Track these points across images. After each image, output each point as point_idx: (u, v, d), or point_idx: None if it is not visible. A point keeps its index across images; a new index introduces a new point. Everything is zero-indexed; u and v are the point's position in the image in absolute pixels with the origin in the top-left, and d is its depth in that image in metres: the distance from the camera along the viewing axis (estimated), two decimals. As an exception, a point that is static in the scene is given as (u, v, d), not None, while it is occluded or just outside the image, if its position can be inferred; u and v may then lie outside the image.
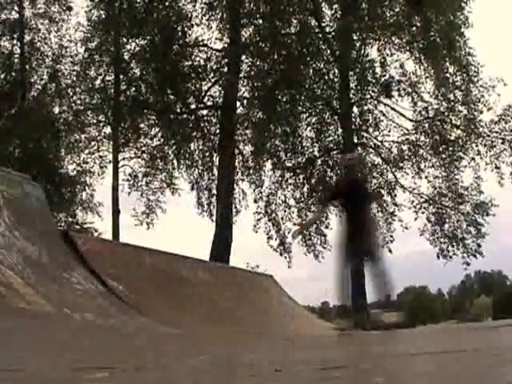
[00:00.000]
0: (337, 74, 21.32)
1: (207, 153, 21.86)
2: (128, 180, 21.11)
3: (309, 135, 21.82)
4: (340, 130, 21.39)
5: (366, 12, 20.42)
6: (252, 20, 20.91)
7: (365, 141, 21.65)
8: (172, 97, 20.97)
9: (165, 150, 21.50)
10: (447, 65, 20.65)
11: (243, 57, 20.93)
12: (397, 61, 21.19)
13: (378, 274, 7.73)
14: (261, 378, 2.38)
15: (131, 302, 7.86)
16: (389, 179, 21.33)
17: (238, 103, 21.04)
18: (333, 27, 21.31)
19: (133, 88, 20.77)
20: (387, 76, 21.08)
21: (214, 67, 21.11)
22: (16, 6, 21.50)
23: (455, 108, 20.84)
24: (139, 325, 6.96)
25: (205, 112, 21.76)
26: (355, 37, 20.96)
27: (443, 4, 19.84)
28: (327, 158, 21.75)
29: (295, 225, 21.33)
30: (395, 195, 21.26)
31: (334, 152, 21.72)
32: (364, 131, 21.65)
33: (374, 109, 21.49)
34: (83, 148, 21.24)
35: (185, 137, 21.12)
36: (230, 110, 20.37)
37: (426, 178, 21.20)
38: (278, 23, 20.68)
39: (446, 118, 20.89)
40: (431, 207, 21.26)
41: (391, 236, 21.10)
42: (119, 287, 8.17)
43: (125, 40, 20.99)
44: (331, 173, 21.55)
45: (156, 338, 5.85)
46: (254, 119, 20.87)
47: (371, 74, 20.82)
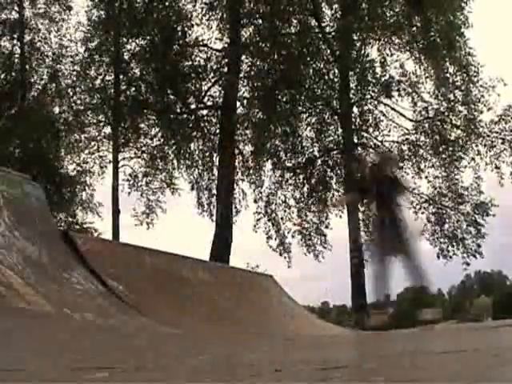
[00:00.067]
0: (337, 74, 21.33)
1: (207, 153, 21.88)
2: (128, 180, 21.12)
3: (309, 135, 21.86)
4: (340, 130, 21.40)
5: (366, 12, 20.44)
6: (252, 20, 20.93)
7: (365, 141, 21.66)
8: (172, 97, 20.98)
9: (165, 150, 21.51)
10: (447, 65, 20.67)
11: (243, 57, 20.95)
12: (397, 61, 21.26)
13: (413, 269, 7.71)
14: (261, 378, 2.38)
15: (131, 302, 7.86)
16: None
17: (238, 103, 21.08)
18: (333, 27, 21.34)
19: (133, 88, 20.79)
20: (387, 76, 21.12)
21: (214, 67, 21.13)
22: (16, 6, 21.50)
23: (455, 108, 20.85)
24: (139, 325, 6.96)
25: (205, 112, 21.78)
26: (355, 37, 20.98)
27: (443, 4, 19.86)
28: (327, 158, 21.75)
29: (295, 225, 21.39)
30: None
31: (334, 152, 21.73)
32: (364, 131, 21.65)
33: (374, 109, 21.53)
34: (83, 148, 21.25)
35: (185, 137, 21.13)
36: (230, 110, 20.38)
37: (426, 178, 21.22)
38: (278, 23, 20.70)
39: (446, 118, 20.90)
40: (431, 207, 21.26)
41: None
42: (119, 287, 8.17)
43: (125, 40, 21.00)
44: (331, 173, 21.57)
45: (156, 338, 5.85)
46: (254, 119, 20.88)
47: (371, 74, 20.84)
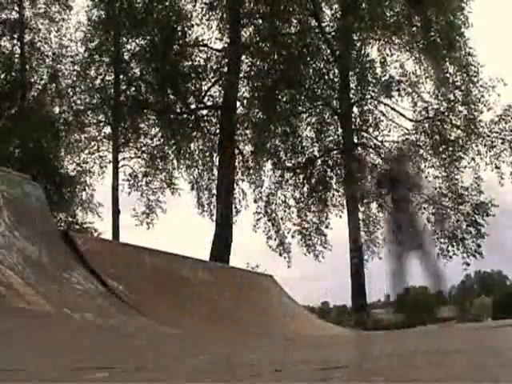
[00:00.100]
0: (337, 74, 21.33)
1: (207, 153, 21.88)
2: (128, 180, 21.12)
3: (309, 135, 21.85)
4: (340, 130, 21.40)
5: (366, 12, 20.43)
6: (252, 20, 20.93)
7: (365, 141, 21.66)
8: (172, 97, 20.98)
9: (165, 150, 21.51)
10: (447, 65, 20.67)
11: (243, 57, 20.95)
12: (397, 61, 21.26)
13: (430, 266, 7.71)
14: (261, 378, 2.38)
15: (131, 302, 7.86)
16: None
17: (238, 103, 21.08)
18: (333, 27, 21.34)
19: (133, 88, 20.79)
20: (387, 76, 21.12)
21: (214, 67, 21.13)
22: (16, 6, 21.49)
23: (455, 108, 20.84)
24: (139, 325, 6.96)
25: (205, 112, 21.77)
26: (355, 37, 20.98)
27: (443, 4, 19.86)
28: (327, 158, 21.75)
29: (295, 225, 21.38)
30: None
31: (334, 152, 21.73)
32: (364, 131, 21.65)
33: (374, 109, 21.52)
34: (83, 148, 21.24)
35: (185, 137, 21.12)
36: (230, 110, 20.38)
37: (426, 178, 21.20)
38: (278, 23, 20.70)
39: (446, 118, 20.89)
40: (431, 207, 21.25)
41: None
42: (119, 287, 8.16)
43: (125, 40, 21.01)
44: (331, 173, 21.56)
45: (156, 338, 5.85)
46: (254, 119, 20.88)
47: (371, 74, 20.84)
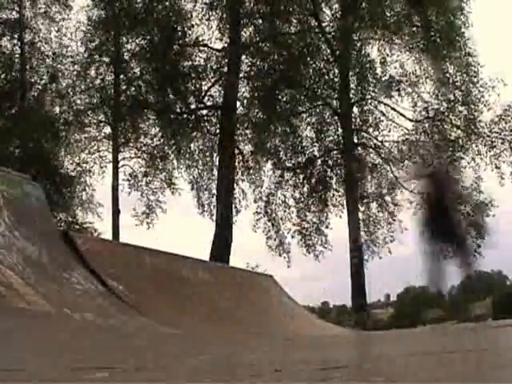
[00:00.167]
0: (337, 74, 21.33)
1: (207, 153, 21.87)
2: (128, 180, 21.11)
3: (309, 135, 21.85)
4: (340, 130, 21.39)
5: (366, 12, 20.43)
6: (252, 20, 20.92)
7: (365, 141, 21.66)
8: (172, 96, 20.96)
9: (165, 150, 21.49)
10: (447, 65, 20.66)
11: (243, 57, 20.94)
12: (397, 61, 21.25)
13: (462, 255, 7.73)
14: (261, 378, 2.38)
15: (131, 302, 7.85)
16: (389, 179, 21.32)
17: (238, 103, 21.07)
18: (333, 27, 21.33)
19: (133, 88, 20.77)
20: (387, 76, 21.13)
21: (214, 67, 21.12)
22: (16, 6, 21.47)
23: (455, 108, 20.83)
24: (139, 325, 6.96)
25: (205, 112, 21.75)
26: (355, 37, 20.98)
27: (444, 3, 19.86)
28: (327, 158, 21.74)
29: (294, 225, 21.36)
30: (395, 195, 21.28)
31: (334, 152, 21.73)
32: (364, 131, 21.66)
33: (374, 109, 21.52)
34: (83, 148, 21.24)
35: (185, 137, 21.11)
36: (230, 110, 20.37)
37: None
38: (278, 23, 20.70)
39: (446, 118, 20.88)
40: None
41: (391, 236, 21.13)
42: (119, 287, 8.16)
43: (125, 40, 20.99)
44: (331, 173, 21.56)
45: (156, 338, 5.85)
46: (254, 119, 20.87)
47: (371, 74, 20.84)
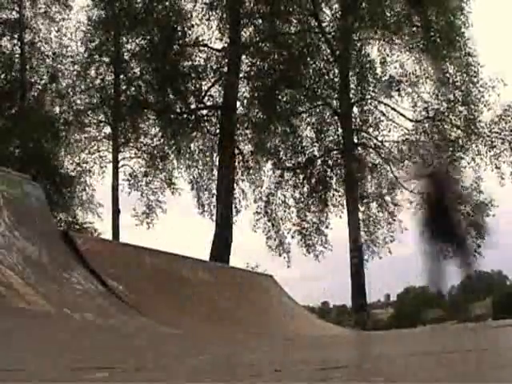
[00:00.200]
0: (337, 74, 21.33)
1: (207, 153, 21.87)
2: (128, 180, 21.12)
3: (309, 135, 21.85)
4: (340, 130, 21.39)
5: (366, 12, 20.43)
6: (252, 20, 20.92)
7: (365, 141, 21.66)
8: (172, 96, 20.96)
9: (165, 150, 21.50)
10: (447, 65, 20.67)
11: (243, 57, 20.93)
12: (397, 61, 21.25)
13: (462, 255, 7.74)
14: (261, 378, 2.38)
15: (131, 302, 7.85)
16: (389, 179, 21.33)
17: (238, 103, 21.07)
18: (333, 27, 21.33)
19: (132, 88, 20.77)
20: (387, 76, 21.14)
21: (214, 67, 21.11)
22: (16, 6, 21.46)
23: (455, 108, 20.84)
24: (139, 325, 6.95)
25: (205, 112, 21.75)
26: (355, 37, 20.98)
27: (444, 3, 19.86)
28: (327, 158, 21.74)
29: (294, 225, 21.36)
30: (395, 195, 21.29)
31: (334, 152, 21.73)
32: (364, 131, 21.66)
33: (374, 109, 21.52)
34: (83, 148, 21.25)
35: (185, 137, 21.11)
36: (230, 110, 20.37)
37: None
38: (278, 23, 20.69)
39: (446, 118, 20.89)
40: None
41: (391, 236, 21.15)
42: (119, 287, 8.16)
43: (125, 40, 20.98)
44: (331, 173, 21.55)
45: (156, 338, 5.85)
46: (254, 119, 20.87)
47: (371, 74, 20.84)
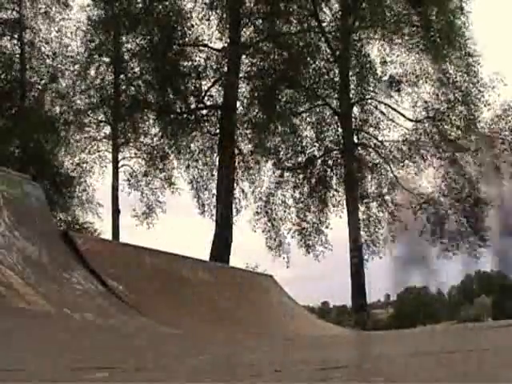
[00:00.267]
0: (337, 74, 21.33)
1: (207, 152, 21.87)
2: (128, 180, 21.14)
3: (309, 135, 21.86)
4: (340, 130, 21.40)
5: (367, 12, 20.44)
6: (252, 20, 20.92)
7: (365, 141, 21.66)
8: (172, 96, 20.96)
9: (165, 150, 21.51)
10: (447, 65, 20.68)
11: (243, 57, 20.93)
12: (397, 61, 21.26)
13: None
14: (261, 378, 2.38)
15: (131, 302, 7.85)
16: (389, 179, 21.35)
17: (238, 103, 21.07)
18: (333, 27, 21.33)
19: (132, 87, 20.78)
20: (387, 76, 21.16)
21: (214, 67, 21.12)
22: (16, 6, 21.46)
23: (455, 108, 20.86)
24: (139, 325, 6.95)
25: (205, 112, 21.75)
26: (355, 37, 20.99)
27: (444, 3, 19.88)
28: (327, 158, 21.75)
29: (294, 225, 21.38)
30: (395, 195, 21.32)
31: (334, 152, 21.74)
32: (364, 131, 21.66)
33: (374, 109, 21.53)
34: (83, 148, 21.27)
35: (185, 136, 21.11)
36: (230, 110, 20.37)
37: (426, 179, 21.24)
38: (278, 23, 20.70)
39: (446, 118, 20.91)
40: (431, 207, 21.27)
41: (392, 236, 21.18)
42: (119, 287, 8.16)
43: (125, 39, 20.99)
44: (331, 173, 21.56)
45: (156, 338, 5.85)
46: (254, 119, 20.87)
47: (371, 74, 20.85)
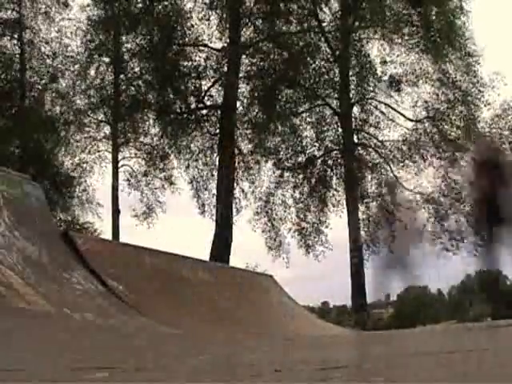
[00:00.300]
0: (337, 74, 21.34)
1: (207, 152, 21.88)
2: (128, 180, 21.15)
3: (309, 135, 21.87)
4: (340, 130, 21.40)
5: (367, 12, 20.44)
6: (252, 20, 20.92)
7: (365, 141, 21.67)
8: (172, 96, 20.97)
9: (165, 150, 21.52)
10: (447, 65, 20.68)
11: (243, 57, 20.94)
12: (397, 61, 21.26)
13: None
14: (261, 378, 2.38)
15: (131, 302, 7.85)
16: (389, 178, 21.34)
17: (238, 103, 21.07)
18: (333, 27, 21.33)
19: (132, 87, 20.78)
20: (387, 75, 21.17)
21: (214, 67, 21.12)
22: (16, 6, 21.45)
23: (455, 108, 20.86)
24: (139, 325, 6.95)
25: (205, 112, 21.75)
26: (355, 36, 21.00)
27: (444, 3, 19.88)
28: (327, 158, 21.75)
29: (294, 225, 21.39)
30: (395, 194, 21.29)
31: (334, 152, 21.74)
32: (364, 131, 21.67)
33: (374, 109, 21.54)
34: (83, 148, 21.28)
35: (185, 136, 21.12)
36: (230, 110, 20.37)
37: (426, 179, 21.25)
38: (278, 23, 20.70)
39: (446, 118, 20.91)
40: (431, 207, 21.27)
41: (392, 236, 21.13)
42: (119, 287, 8.16)
43: (124, 39, 21.00)
44: (331, 173, 21.56)
45: (156, 338, 5.85)
46: (254, 119, 20.88)
47: (371, 74, 20.86)
